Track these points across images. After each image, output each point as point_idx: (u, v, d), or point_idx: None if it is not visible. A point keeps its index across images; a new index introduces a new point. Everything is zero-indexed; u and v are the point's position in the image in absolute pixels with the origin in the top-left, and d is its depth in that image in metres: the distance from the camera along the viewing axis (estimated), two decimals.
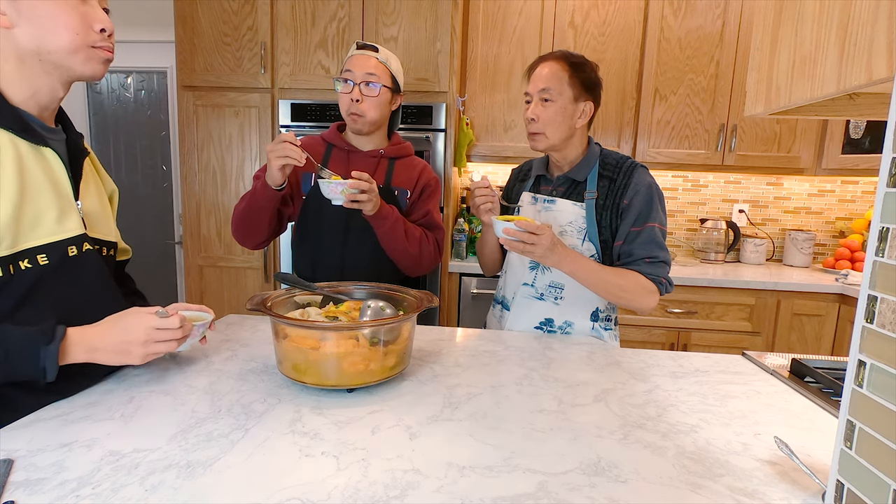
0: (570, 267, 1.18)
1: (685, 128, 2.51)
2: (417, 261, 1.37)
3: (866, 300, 0.48)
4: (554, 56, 1.27)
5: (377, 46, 1.34)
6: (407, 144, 1.48)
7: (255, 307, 0.93)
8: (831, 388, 0.98)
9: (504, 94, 2.56)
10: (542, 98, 1.24)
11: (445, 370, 1.04)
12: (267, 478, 0.65)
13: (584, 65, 1.26)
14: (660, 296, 1.23)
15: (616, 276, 1.21)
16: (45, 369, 0.75)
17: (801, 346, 2.30)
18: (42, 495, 0.59)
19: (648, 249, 1.22)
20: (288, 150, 1.18)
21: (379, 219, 1.28)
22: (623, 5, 2.46)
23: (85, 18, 0.82)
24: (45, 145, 0.84)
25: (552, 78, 1.24)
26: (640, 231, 1.23)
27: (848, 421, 0.50)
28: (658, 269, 1.22)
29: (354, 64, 1.32)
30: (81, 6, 0.82)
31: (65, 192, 0.85)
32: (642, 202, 1.23)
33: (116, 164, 3.06)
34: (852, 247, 2.53)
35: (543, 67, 1.26)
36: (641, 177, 1.25)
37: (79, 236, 0.86)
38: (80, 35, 0.81)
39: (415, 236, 1.35)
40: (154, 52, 2.87)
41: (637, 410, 0.88)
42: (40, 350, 0.75)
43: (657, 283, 1.22)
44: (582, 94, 1.25)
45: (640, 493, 0.64)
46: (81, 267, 0.86)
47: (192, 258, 2.48)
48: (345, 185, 1.17)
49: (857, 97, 0.73)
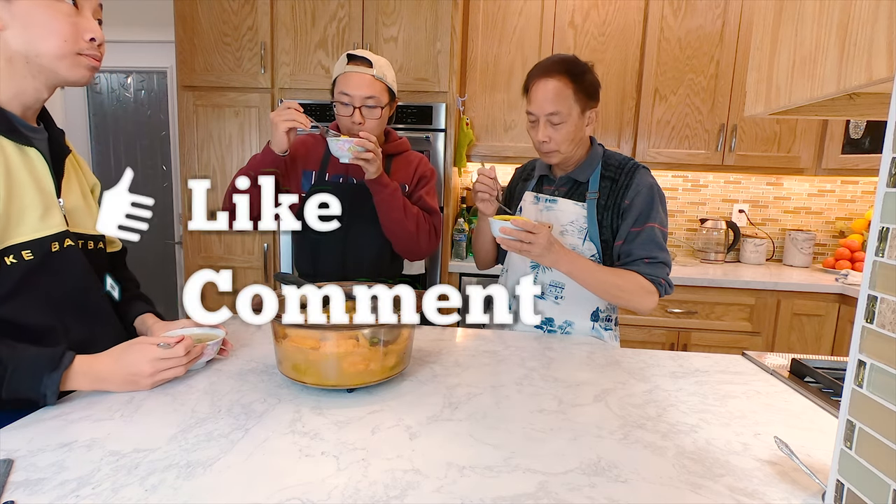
0: (568, 267, 1.17)
1: (685, 128, 2.51)
2: (415, 239, 1.36)
3: (866, 300, 0.48)
4: (555, 70, 1.20)
5: (370, 59, 1.29)
6: (403, 140, 1.48)
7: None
8: (831, 388, 0.98)
9: (504, 94, 2.56)
10: (551, 120, 1.21)
11: (445, 370, 1.04)
12: (267, 478, 0.65)
13: (585, 72, 1.22)
14: (659, 297, 1.23)
15: (615, 276, 1.21)
16: (46, 395, 0.79)
17: (801, 346, 2.29)
18: (42, 495, 0.59)
19: (648, 250, 1.22)
20: (294, 115, 1.22)
21: (380, 185, 1.29)
22: (623, 5, 2.46)
23: (76, 27, 0.85)
24: (29, 145, 0.87)
25: (559, 99, 1.19)
26: (640, 231, 1.23)
27: (848, 421, 0.50)
28: (657, 269, 1.22)
29: (350, 85, 1.29)
30: (74, 16, 0.85)
31: (48, 190, 0.88)
32: (643, 202, 1.23)
33: (116, 163, 3.06)
34: (852, 247, 2.53)
35: (546, 85, 1.20)
36: (643, 178, 1.25)
37: (61, 233, 0.88)
38: (68, 42, 0.84)
39: (412, 212, 1.35)
40: (154, 52, 2.87)
41: (637, 410, 0.88)
42: (43, 376, 0.79)
43: (656, 283, 1.21)
44: (588, 103, 1.23)
45: (640, 493, 0.64)
46: (65, 262, 0.89)
47: (192, 258, 2.49)
48: (352, 143, 1.22)
49: (857, 97, 0.73)
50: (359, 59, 1.30)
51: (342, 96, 1.31)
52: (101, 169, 3.08)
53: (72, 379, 0.82)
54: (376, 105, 1.31)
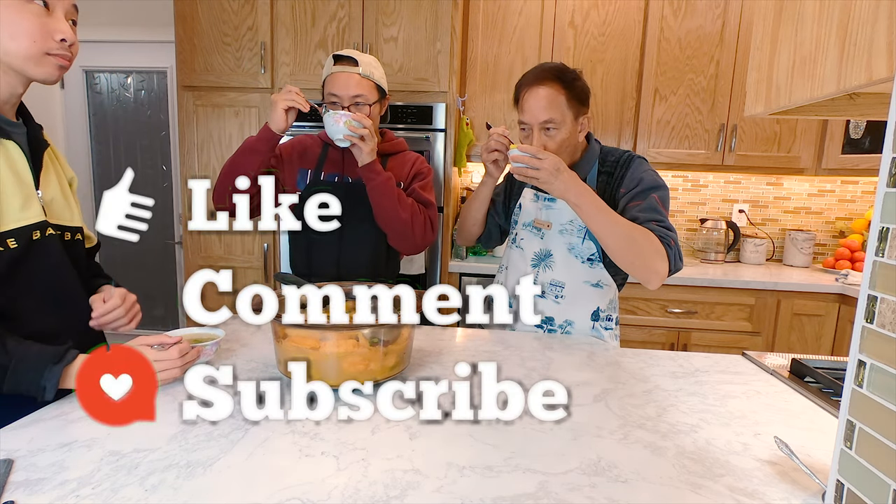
0: (577, 197, 1.11)
1: (685, 128, 2.51)
2: (410, 229, 1.35)
3: (866, 300, 0.48)
4: (545, 78, 1.19)
5: (356, 58, 1.30)
6: (400, 141, 1.48)
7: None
8: (831, 388, 0.98)
9: (504, 94, 2.55)
10: (545, 128, 1.20)
11: (445, 370, 1.04)
12: (267, 478, 0.65)
13: (575, 79, 1.21)
14: (669, 267, 1.13)
15: (627, 225, 1.12)
16: (45, 388, 0.80)
17: (801, 346, 2.29)
18: (42, 495, 0.59)
19: (653, 214, 1.16)
20: (294, 97, 1.25)
21: (373, 172, 1.29)
22: (623, 5, 2.46)
23: (45, 27, 0.86)
24: (7, 138, 0.89)
25: (551, 107, 1.18)
26: (641, 202, 1.18)
27: (848, 421, 0.50)
28: (668, 233, 1.13)
29: (337, 85, 1.30)
30: (44, 17, 0.86)
31: (27, 181, 0.91)
32: (639, 181, 1.20)
33: (116, 163, 3.06)
34: (852, 247, 2.53)
35: (538, 93, 1.19)
36: (638, 166, 1.24)
37: (41, 222, 0.91)
38: (37, 43, 0.86)
39: (406, 202, 1.35)
40: (154, 52, 2.86)
41: (637, 410, 0.88)
42: (45, 369, 0.80)
43: (667, 246, 1.12)
44: (580, 109, 1.23)
45: (640, 493, 0.64)
46: (46, 250, 0.92)
47: (192, 258, 2.48)
48: (348, 116, 1.24)
49: (857, 97, 0.73)
50: (345, 59, 1.31)
51: (331, 97, 1.32)
52: (101, 169, 3.08)
53: (72, 374, 0.83)
54: (364, 103, 1.32)
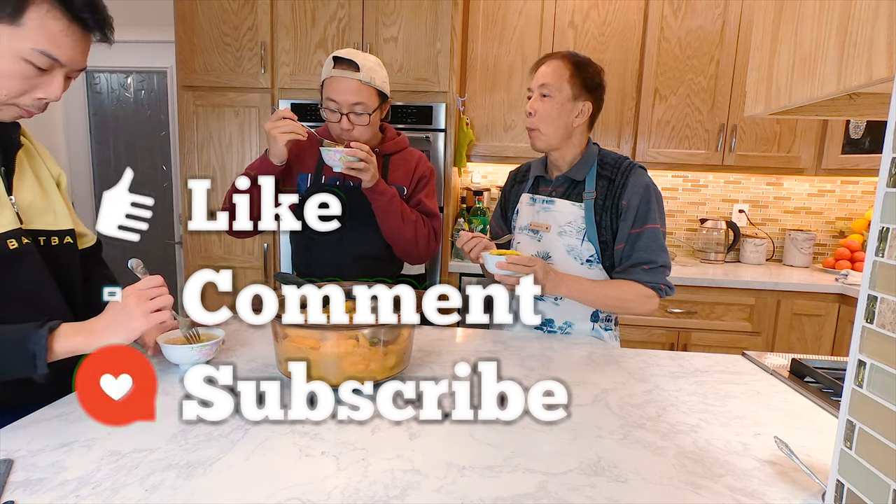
0: (567, 290, 1.21)
1: (685, 128, 2.51)
2: (413, 244, 1.36)
3: (866, 300, 0.48)
4: (560, 54, 1.28)
5: (357, 63, 1.25)
6: (402, 138, 1.45)
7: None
8: (831, 388, 0.98)
9: (504, 94, 2.56)
10: (542, 94, 1.26)
11: (445, 370, 1.04)
12: (267, 477, 0.65)
13: (588, 66, 1.27)
14: (660, 299, 1.24)
15: (614, 289, 1.23)
16: (35, 355, 0.74)
17: (801, 346, 2.29)
18: (42, 495, 0.59)
19: (648, 254, 1.23)
20: (291, 126, 1.23)
21: (376, 192, 1.28)
22: (623, 5, 2.46)
23: (29, 86, 0.81)
24: None
25: (553, 74, 1.25)
26: (639, 233, 1.23)
27: (848, 421, 0.50)
28: (657, 275, 1.23)
29: (336, 90, 1.26)
30: (35, 77, 0.81)
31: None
32: (640, 203, 1.23)
33: (116, 163, 3.07)
34: (852, 247, 2.53)
35: (549, 64, 1.27)
36: (639, 177, 1.25)
37: (14, 230, 0.86)
38: (9, 97, 0.80)
39: (410, 219, 1.35)
40: (154, 52, 2.86)
41: (637, 410, 0.88)
42: (30, 335, 0.75)
43: (656, 289, 1.23)
44: (581, 93, 1.25)
45: (640, 493, 0.64)
46: (22, 259, 0.87)
47: (192, 258, 2.49)
48: (342, 153, 1.22)
49: (857, 97, 0.73)
50: (345, 63, 1.25)
51: (329, 102, 1.28)
52: (101, 169, 3.08)
53: (63, 340, 0.78)
54: (364, 111, 1.28)
